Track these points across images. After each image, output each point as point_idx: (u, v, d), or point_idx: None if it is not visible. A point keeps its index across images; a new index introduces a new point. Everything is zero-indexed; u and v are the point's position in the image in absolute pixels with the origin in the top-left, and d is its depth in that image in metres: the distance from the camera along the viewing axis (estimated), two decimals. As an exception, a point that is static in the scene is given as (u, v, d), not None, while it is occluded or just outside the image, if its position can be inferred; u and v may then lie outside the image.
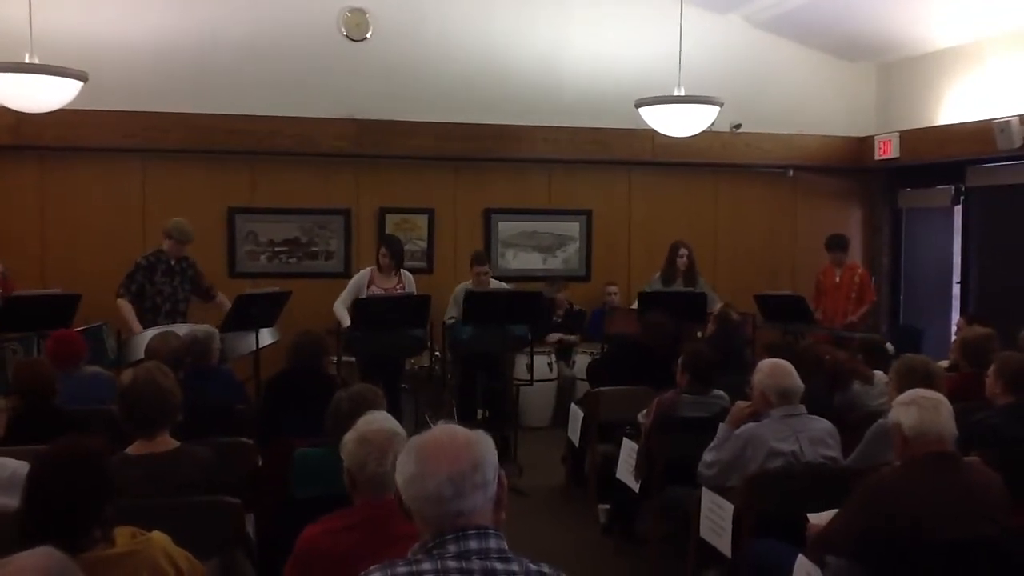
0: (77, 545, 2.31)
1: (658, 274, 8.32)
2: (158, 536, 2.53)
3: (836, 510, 3.33)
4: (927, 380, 3.86)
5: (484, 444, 1.95)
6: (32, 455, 2.72)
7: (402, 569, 1.84)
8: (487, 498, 1.91)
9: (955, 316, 8.70)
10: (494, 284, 7.39)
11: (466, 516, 1.87)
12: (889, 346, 5.97)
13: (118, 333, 6.32)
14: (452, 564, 1.83)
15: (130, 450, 3.33)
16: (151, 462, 3.29)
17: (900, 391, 3.54)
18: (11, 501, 2.87)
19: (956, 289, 9.00)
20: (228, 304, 6.74)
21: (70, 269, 7.68)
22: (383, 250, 7.20)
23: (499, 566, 1.85)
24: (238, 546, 3.42)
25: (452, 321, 7.10)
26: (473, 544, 1.86)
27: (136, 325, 6.54)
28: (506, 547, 1.90)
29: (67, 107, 6.40)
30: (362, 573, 1.88)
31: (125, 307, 6.66)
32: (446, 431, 1.97)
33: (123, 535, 2.46)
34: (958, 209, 8.93)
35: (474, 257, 7.45)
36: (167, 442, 3.37)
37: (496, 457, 1.96)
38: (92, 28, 7.72)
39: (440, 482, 1.86)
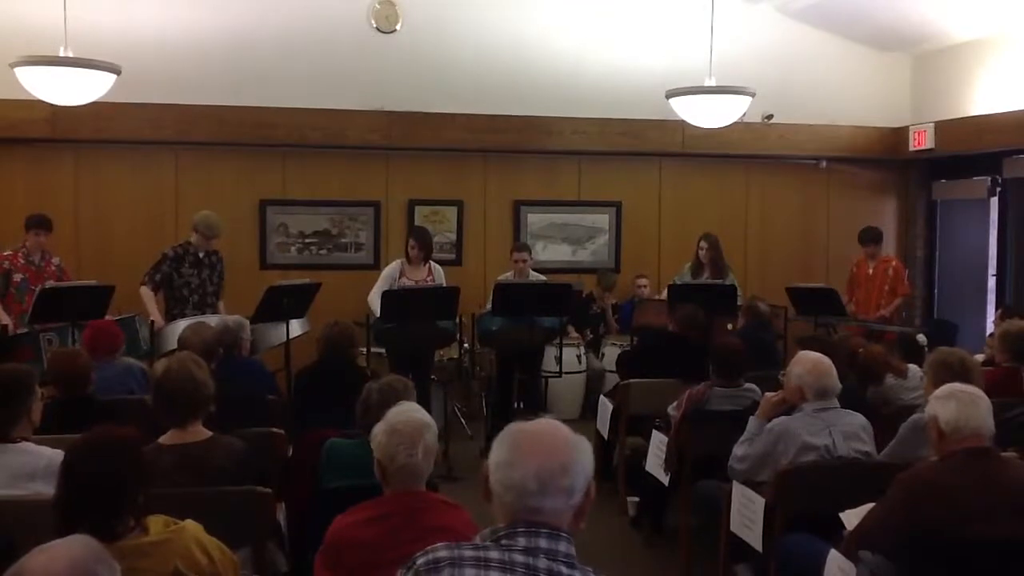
0: (111, 533, 2.33)
1: (687, 265, 8.31)
2: (191, 525, 2.55)
3: (869, 505, 3.29)
4: (963, 374, 3.80)
5: (582, 450, 1.90)
6: (67, 444, 2.75)
7: (469, 553, 1.83)
8: (569, 504, 1.87)
9: (991, 309, 8.58)
10: (533, 276, 7.39)
11: (544, 514, 1.85)
12: (920, 338, 5.89)
13: (151, 324, 6.38)
14: (519, 558, 1.81)
15: (163, 440, 3.36)
16: (184, 452, 3.31)
17: (936, 385, 3.48)
18: (47, 489, 2.91)
19: (992, 282, 8.88)
20: (223, 312, 6.76)
21: (104, 260, 7.78)
22: (411, 242, 7.22)
23: (565, 570, 1.83)
24: (269, 536, 3.45)
25: (484, 312, 7.10)
26: (543, 543, 1.83)
27: (156, 314, 6.57)
28: (574, 554, 1.86)
29: (101, 100, 6.48)
30: (428, 548, 1.87)
31: (147, 295, 6.70)
32: (550, 426, 1.93)
33: (156, 523, 2.48)
34: (994, 201, 8.80)
35: (516, 244, 7.51)
36: (200, 432, 3.40)
37: (592, 467, 1.91)
38: (126, 22, 7.79)
39: (526, 475, 1.84)
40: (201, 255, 6.96)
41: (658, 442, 5.03)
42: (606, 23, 8.72)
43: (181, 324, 6.35)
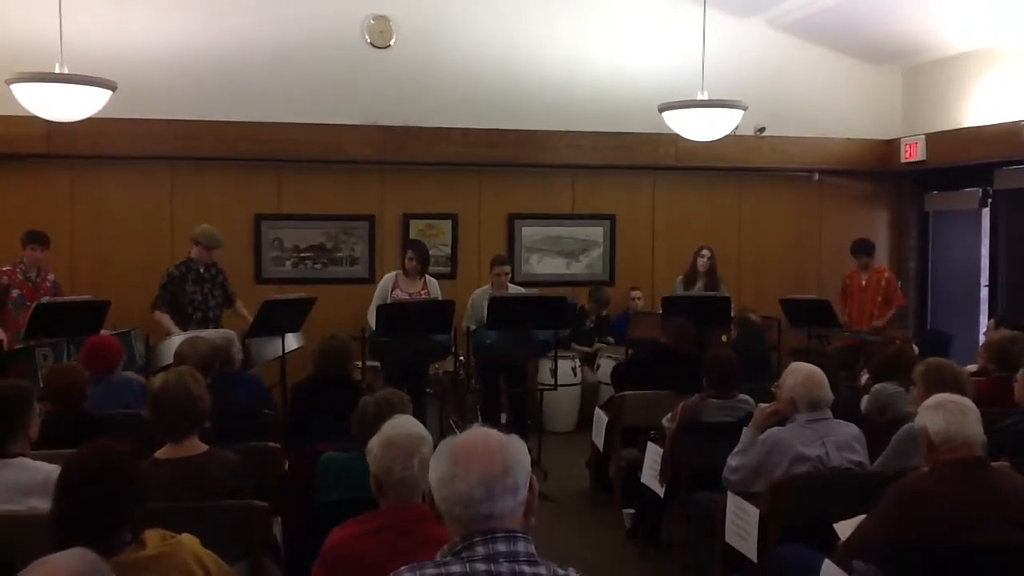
0: (108, 547, 2.33)
1: (680, 277, 8.35)
2: (188, 539, 2.56)
3: (862, 516, 3.31)
4: (955, 385, 3.82)
5: (517, 449, 1.95)
6: (63, 460, 2.77)
7: (431, 571, 1.84)
8: (517, 503, 1.91)
9: (983, 319, 8.62)
10: (513, 289, 7.39)
11: (495, 519, 1.87)
12: (913, 348, 5.91)
13: (147, 339, 6.39)
14: (481, 567, 1.83)
15: (159, 454, 3.37)
16: (180, 466, 3.32)
17: (926, 395, 3.51)
18: (44, 505, 2.91)
19: (984, 292, 8.92)
20: (246, 313, 6.86)
21: (100, 276, 7.78)
22: (410, 253, 7.24)
23: (527, 570, 1.85)
24: (265, 550, 3.45)
25: (473, 328, 7.11)
26: (502, 547, 1.86)
27: (176, 330, 6.64)
28: (534, 551, 1.90)
29: (96, 116, 6.50)
30: (391, 574, 1.89)
31: (163, 318, 6.78)
32: (480, 434, 1.97)
33: (153, 537, 2.49)
34: (986, 211, 8.86)
35: (496, 258, 7.48)
36: (196, 446, 3.40)
37: (529, 462, 1.96)
38: (121, 38, 7.82)
39: (471, 484, 1.87)
40: (202, 270, 6.98)
41: (653, 454, 5.04)
42: (599, 38, 8.78)
43: (176, 339, 6.37)
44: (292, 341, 6.77)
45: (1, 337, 6.40)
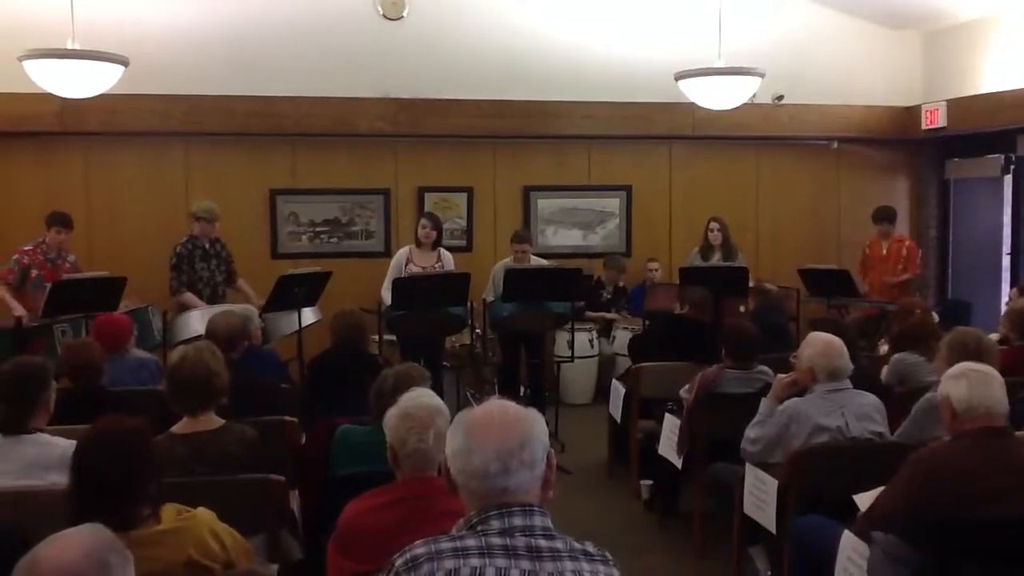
0: (124, 523, 2.34)
1: (696, 249, 8.30)
2: (204, 513, 2.57)
3: (883, 487, 3.28)
4: (979, 354, 3.77)
5: (534, 422, 1.92)
6: (79, 435, 2.77)
7: (446, 545, 1.83)
8: (534, 477, 1.89)
9: (1005, 288, 8.53)
10: (535, 261, 7.38)
11: (511, 493, 1.86)
12: (934, 314, 5.85)
13: (164, 314, 6.41)
14: (496, 541, 1.82)
15: (175, 429, 3.37)
16: (196, 440, 3.33)
17: (951, 365, 3.46)
18: (62, 480, 2.93)
19: (1006, 260, 8.82)
20: (249, 290, 6.89)
21: (116, 252, 7.80)
22: (423, 221, 7.20)
23: (544, 543, 1.84)
24: (283, 523, 3.46)
25: (491, 300, 7.11)
26: (518, 521, 1.84)
27: (204, 305, 6.65)
28: (551, 525, 1.88)
29: (109, 92, 6.49)
30: (406, 547, 1.87)
31: (186, 297, 6.79)
32: (497, 406, 1.95)
33: (169, 512, 2.50)
34: (1008, 179, 8.73)
35: (514, 235, 7.46)
36: (212, 420, 3.41)
37: (547, 436, 1.93)
38: (133, 13, 7.79)
39: (486, 458, 1.85)
40: (207, 246, 6.99)
41: (671, 425, 5.02)
42: (614, 6, 8.67)
43: (193, 315, 6.40)
44: (309, 316, 6.78)
45: (20, 312, 6.43)
